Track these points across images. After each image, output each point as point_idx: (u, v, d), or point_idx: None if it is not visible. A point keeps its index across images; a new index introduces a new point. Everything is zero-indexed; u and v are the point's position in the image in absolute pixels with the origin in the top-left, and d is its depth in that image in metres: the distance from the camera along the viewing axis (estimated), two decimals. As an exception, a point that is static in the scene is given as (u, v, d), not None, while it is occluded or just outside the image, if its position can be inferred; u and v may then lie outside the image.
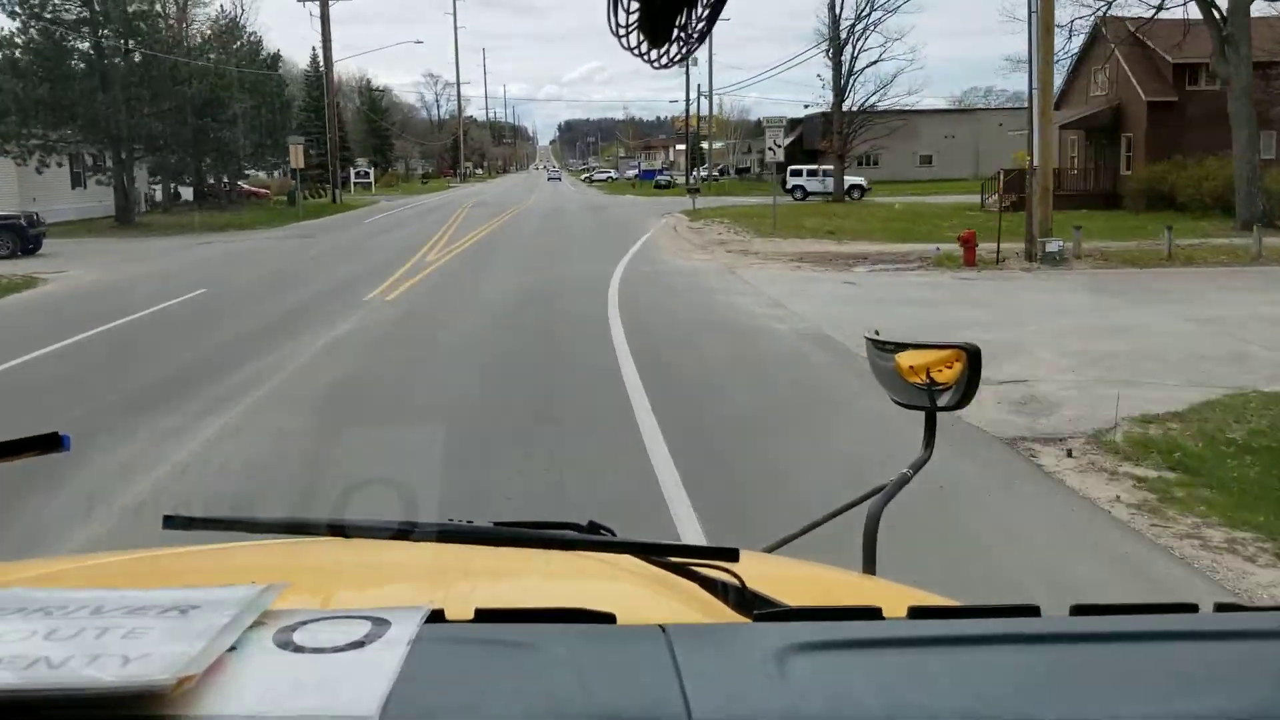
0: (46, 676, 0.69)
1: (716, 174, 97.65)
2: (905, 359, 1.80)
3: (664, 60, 1.03)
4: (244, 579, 0.92)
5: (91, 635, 0.75)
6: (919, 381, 1.78)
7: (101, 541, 5.28)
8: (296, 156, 44.26)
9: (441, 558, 1.39)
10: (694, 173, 70.54)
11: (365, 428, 7.85)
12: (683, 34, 1.01)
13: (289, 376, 10.08)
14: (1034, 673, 0.80)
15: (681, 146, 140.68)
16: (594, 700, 0.74)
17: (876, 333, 1.96)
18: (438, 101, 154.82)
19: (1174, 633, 0.86)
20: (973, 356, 1.73)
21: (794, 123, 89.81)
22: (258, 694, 0.70)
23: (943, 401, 1.78)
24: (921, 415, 1.81)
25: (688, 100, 72.04)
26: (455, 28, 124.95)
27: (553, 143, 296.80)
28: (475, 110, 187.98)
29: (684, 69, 69.53)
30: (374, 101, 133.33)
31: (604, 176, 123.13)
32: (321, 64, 63.01)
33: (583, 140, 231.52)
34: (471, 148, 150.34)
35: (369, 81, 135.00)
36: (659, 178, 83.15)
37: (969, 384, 1.74)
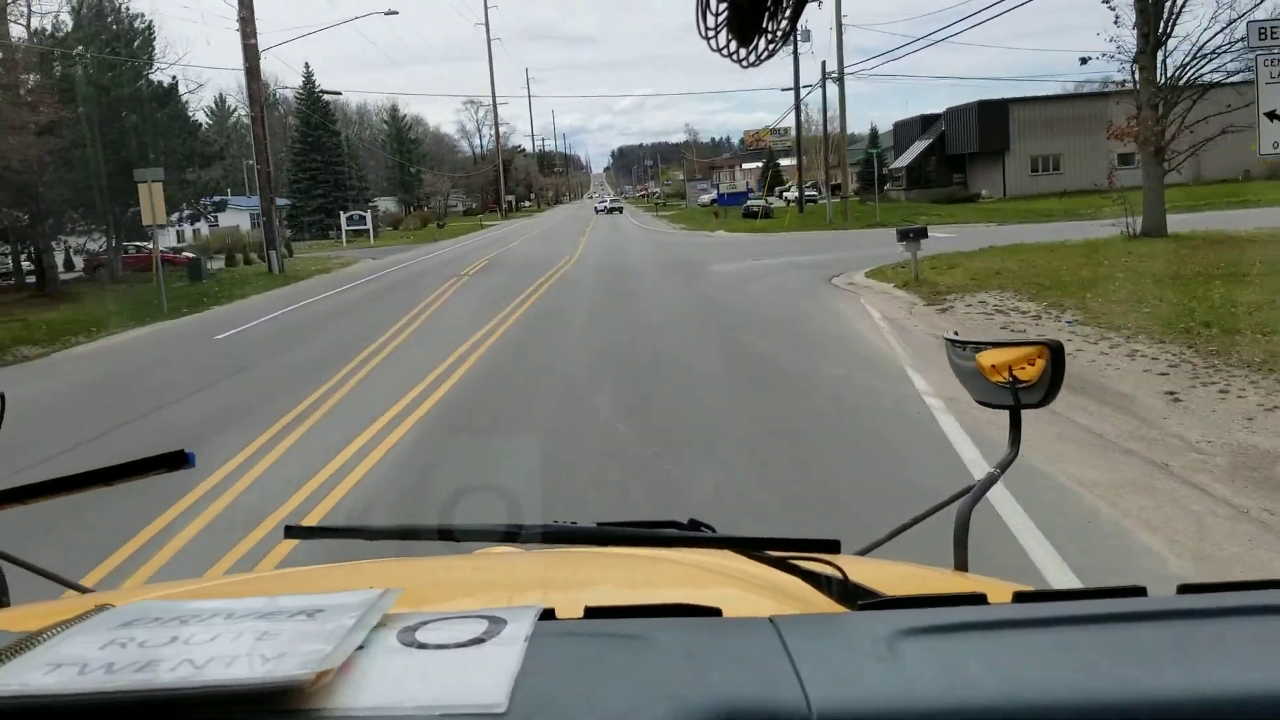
0: (193, 676, 0.71)
1: (815, 193, 76.08)
2: (986, 358, 1.74)
3: (752, 59, 1.04)
4: (363, 586, 0.94)
5: (228, 639, 0.78)
6: (1001, 380, 1.72)
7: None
8: (150, 204, 23.51)
9: (549, 564, 1.49)
10: (822, 190, 48.98)
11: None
12: (769, 32, 1.02)
13: None
14: (1144, 648, 0.79)
15: (751, 165, 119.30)
16: (709, 687, 0.74)
17: (955, 334, 1.96)
18: (479, 130, 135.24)
19: None
20: (1055, 352, 1.68)
21: (926, 121, 68.73)
22: (389, 687, 0.73)
23: (1027, 399, 1.71)
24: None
25: (797, 90, 50.07)
26: (489, 39, 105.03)
27: (607, 170, 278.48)
28: (521, 138, 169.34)
29: (790, 53, 48.30)
30: (400, 132, 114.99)
31: (663, 201, 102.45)
32: (266, 75, 42.47)
33: (639, 164, 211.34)
34: (516, 179, 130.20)
35: (395, 109, 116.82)
36: (751, 203, 61.92)
37: (1053, 380, 1.68)
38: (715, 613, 0.88)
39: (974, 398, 1.80)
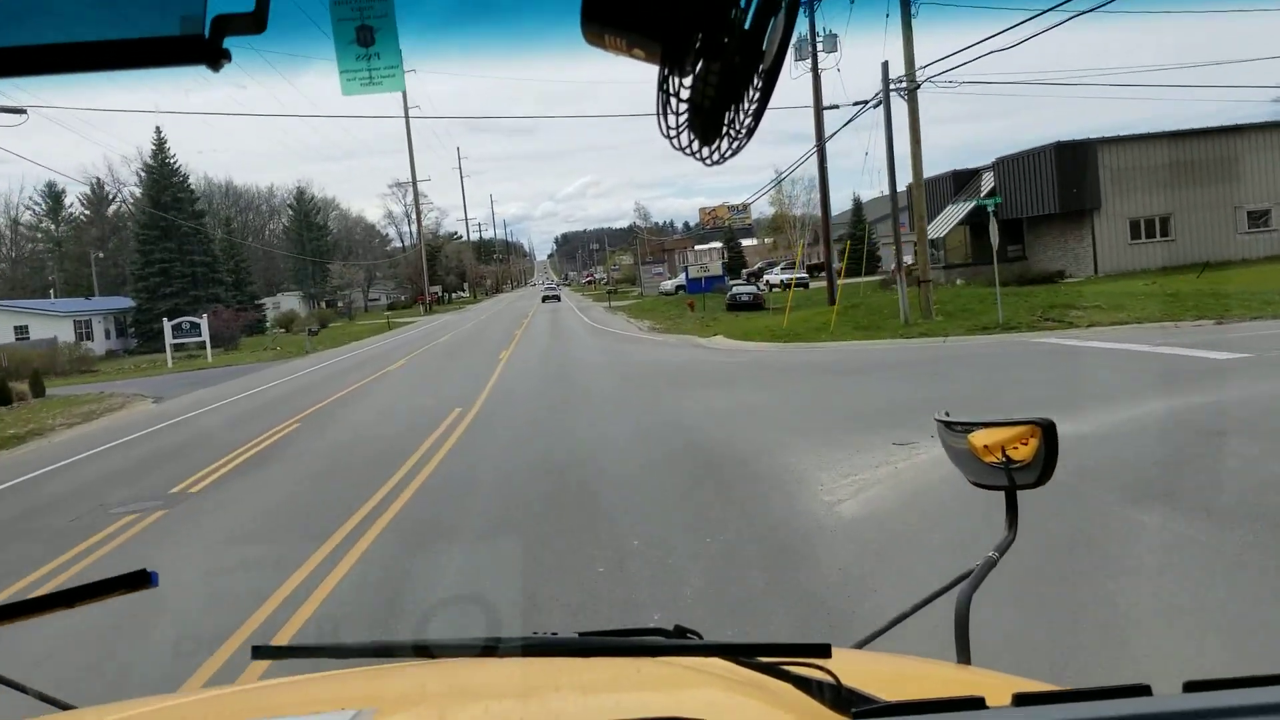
0: None
1: (805, 273, 60.08)
2: (979, 439, 1.70)
3: (715, 157, 1.03)
4: (334, 708, 0.86)
5: None
6: (995, 460, 1.67)
7: None
8: None
9: (529, 673, 1.36)
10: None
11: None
12: (730, 130, 1.01)
13: None
14: None
15: (705, 246, 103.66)
16: None
17: (946, 414, 1.84)
18: (407, 216, 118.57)
19: None
20: (1047, 431, 1.63)
21: (960, 179, 53.09)
22: None
23: (1022, 479, 1.66)
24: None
25: (818, 101, 33.28)
26: (407, 117, 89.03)
27: (550, 256, 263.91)
28: (456, 224, 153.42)
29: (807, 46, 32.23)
30: (306, 217, 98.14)
31: (614, 288, 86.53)
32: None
33: (584, 249, 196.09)
34: (447, 266, 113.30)
35: (301, 192, 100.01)
36: (737, 290, 45.51)
37: (1047, 459, 1.63)
38: None
39: (968, 479, 1.75)
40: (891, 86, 24.83)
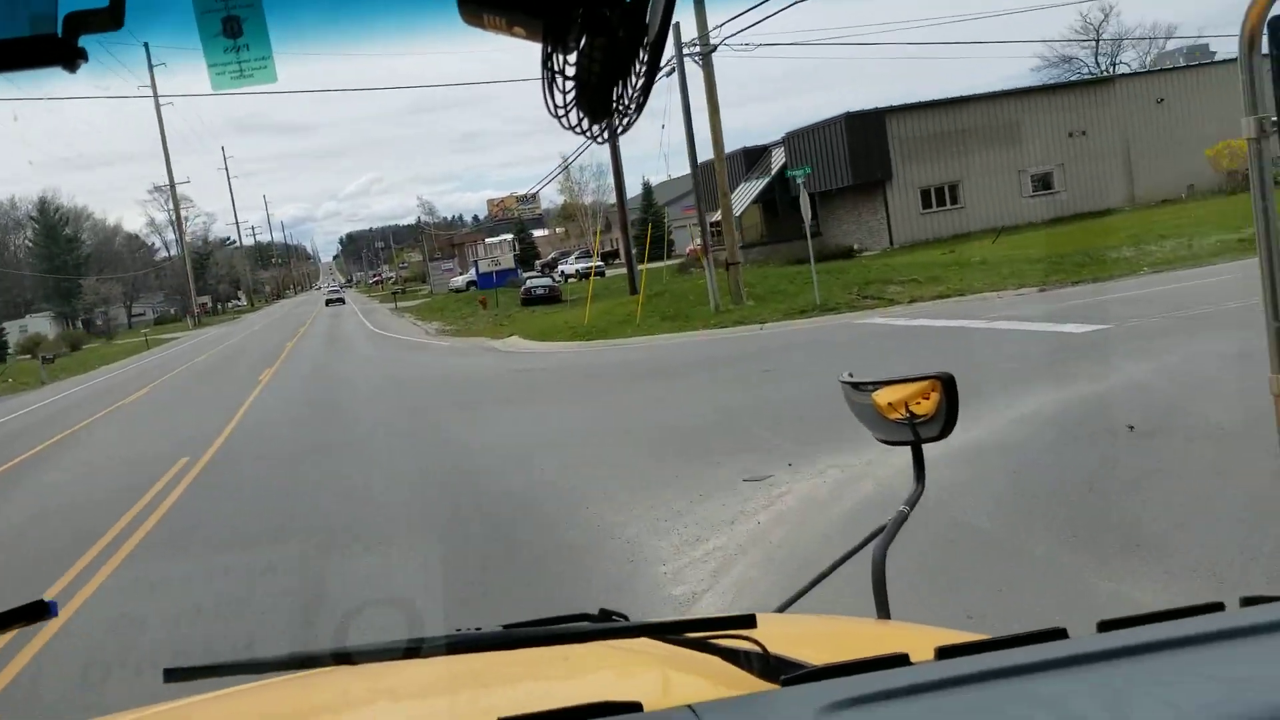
0: None
1: (601, 262, 57.77)
2: (883, 396, 1.72)
3: (606, 134, 1.02)
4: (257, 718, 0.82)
5: None
6: (899, 416, 1.70)
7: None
8: None
9: (455, 669, 1.34)
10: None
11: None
12: (620, 107, 0.99)
13: None
14: (1071, 697, 0.76)
15: (496, 239, 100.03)
16: None
17: (850, 375, 1.88)
18: (171, 222, 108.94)
19: (1203, 635, 0.82)
20: (948, 384, 1.66)
21: (751, 156, 51.67)
22: None
23: (926, 433, 1.69)
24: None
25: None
26: (158, 106, 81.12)
27: (336, 258, 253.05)
28: (225, 228, 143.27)
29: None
30: (53, 229, 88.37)
31: (402, 288, 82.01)
32: None
33: (370, 248, 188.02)
34: (217, 274, 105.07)
35: (44, 202, 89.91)
36: (532, 283, 42.55)
37: (949, 412, 1.66)
38: (635, 707, 0.83)
39: (875, 436, 1.80)
40: (685, 52, 22.51)
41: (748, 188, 44.84)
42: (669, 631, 1.10)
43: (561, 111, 0.99)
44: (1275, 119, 1.46)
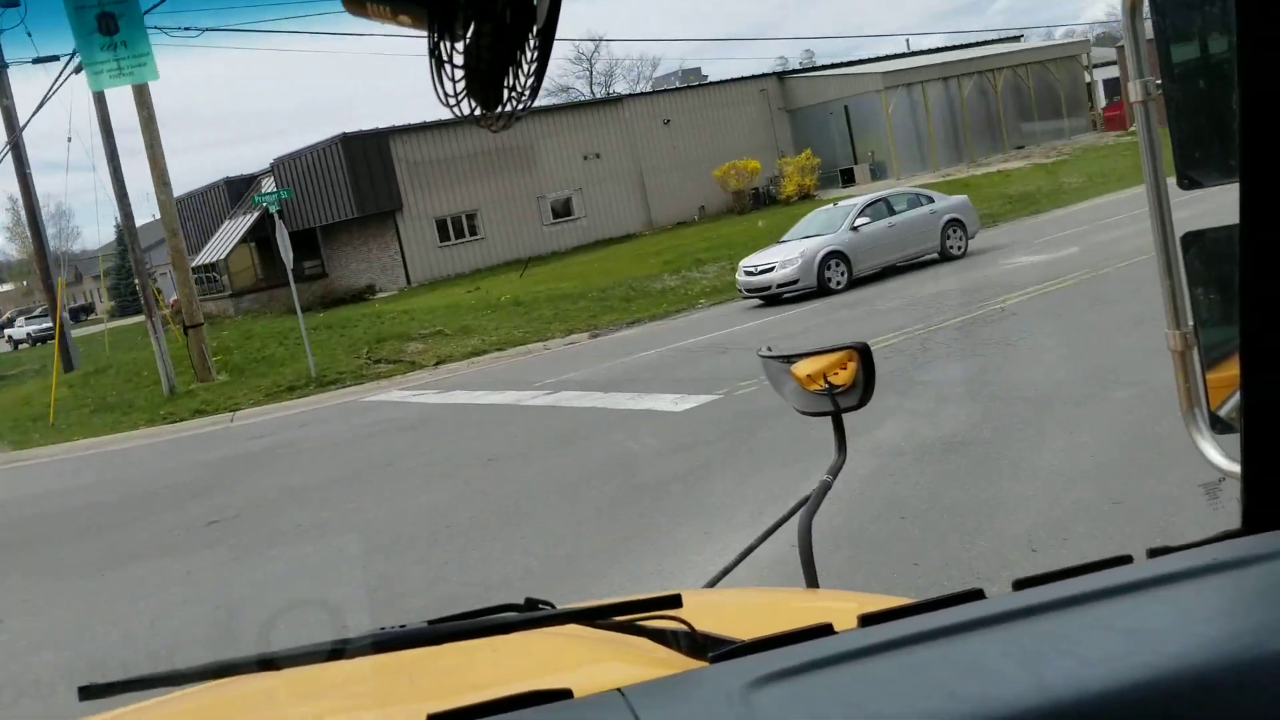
0: None
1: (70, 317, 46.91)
2: (801, 369, 1.74)
3: (501, 123, 1.01)
4: None
5: None
6: (819, 388, 1.72)
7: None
8: None
9: (382, 669, 1.30)
10: None
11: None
12: (514, 93, 0.98)
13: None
14: (988, 656, 0.78)
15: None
16: None
17: (769, 348, 1.89)
18: None
19: (1113, 588, 0.84)
20: (864, 353, 1.69)
21: (235, 187, 43.49)
22: None
23: (845, 403, 1.71)
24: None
25: None
26: None
27: None
28: None
29: None
30: None
31: None
32: None
33: None
34: None
35: None
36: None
37: (866, 381, 1.69)
38: (566, 694, 0.82)
39: (795, 408, 1.79)
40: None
41: (233, 225, 37.74)
42: (595, 616, 1.08)
43: (453, 101, 0.97)
44: (1158, 82, 1.31)
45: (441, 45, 0.94)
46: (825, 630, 0.86)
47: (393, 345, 16.39)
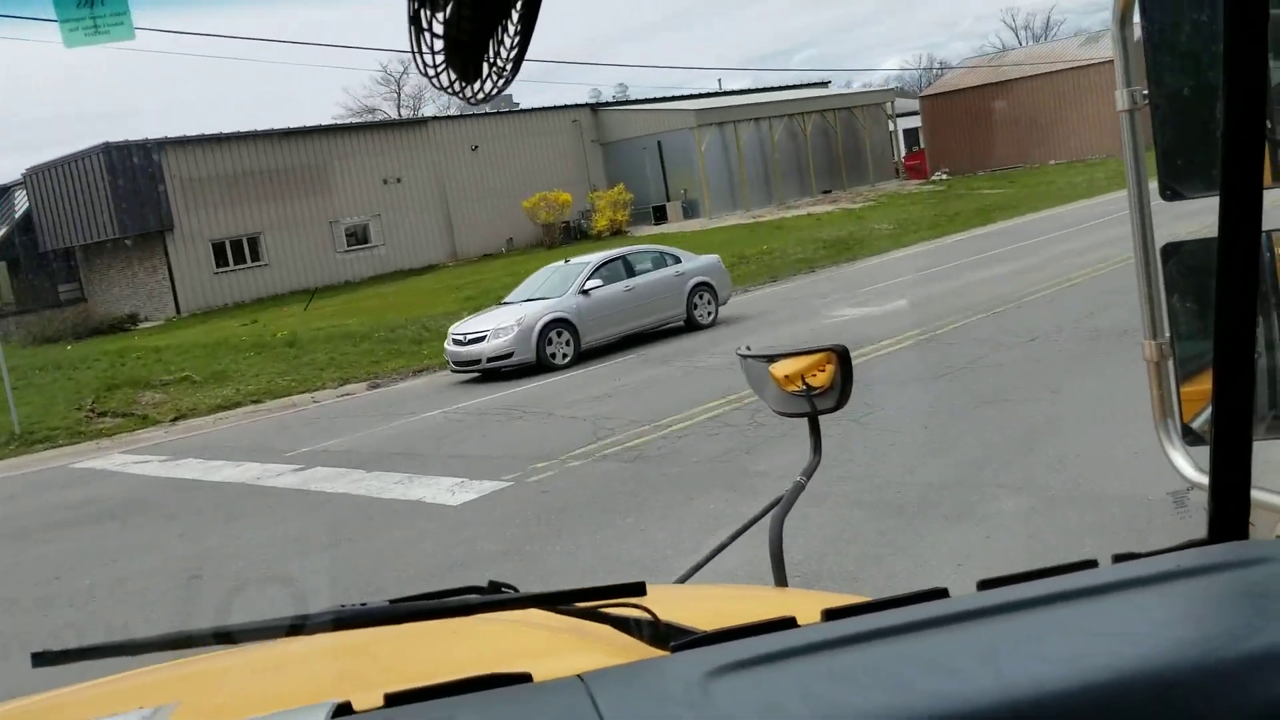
0: None
1: None
2: (780, 369, 1.74)
3: (480, 95, 0.98)
4: (131, 706, 0.83)
5: None
6: (796, 389, 1.72)
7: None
8: None
9: (342, 644, 1.29)
10: None
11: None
12: (494, 67, 0.95)
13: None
14: (952, 653, 0.78)
15: None
16: None
17: (748, 348, 1.92)
18: None
19: (1077, 591, 0.84)
20: (842, 356, 1.70)
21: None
22: None
23: (822, 405, 1.72)
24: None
25: None
26: None
27: None
28: None
29: None
30: None
31: None
32: None
33: None
34: None
35: None
36: None
37: (844, 383, 1.69)
38: (525, 678, 0.82)
39: (772, 408, 1.81)
40: None
41: (-24, 238, 33.08)
42: (558, 601, 1.06)
43: (433, 72, 0.95)
44: (1145, 92, 1.35)
45: (422, 14, 0.92)
46: (788, 623, 0.86)
47: (125, 395, 13.61)
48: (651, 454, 7.82)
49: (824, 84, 46.28)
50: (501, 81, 0.95)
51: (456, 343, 13.18)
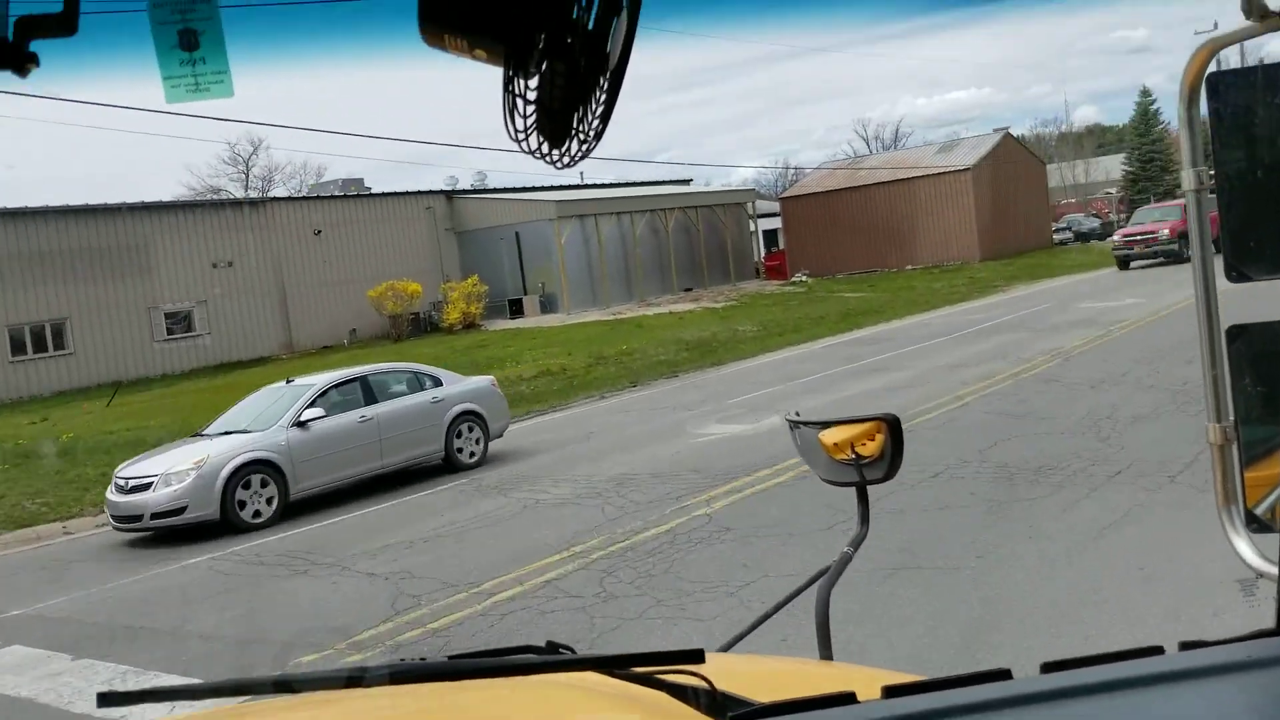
0: None
1: None
2: (829, 436, 1.70)
3: (565, 160, 1.00)
4: None
5: None
6: (845, 457, 1.69)
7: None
8: None
9: (398, 702, 1.29)
10: None
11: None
12: (579, 133, 0.98)
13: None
14: None
15: None
16: None
17: (796, 414, 1.86)
18: None
19: (1143, 678, 0.83)
20: (893, 426, 1.66)
21: None
22: None
23: (871, 475, 1.68)
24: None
25: None
26: None
27: None
28: None
29: None
30: None
31: None
32: None
33: None
34: None
35: None
36: None
37: (894, 454, 1.66)
38: None
39: (819, 476, 1.76)
40: None
41: None
42: (615, 665, 1.04)
43: (522, 136, 0.98)
44: (1212, 173, 1.31)
45: (515, 81, 0.95)
46: (848, 699, 0.83)
47: None
48: (461, 640, 5.78)
49: (685, 181, 45.77)
50: (585, 147, 0.98)
51: (119, 489, 9.87)
